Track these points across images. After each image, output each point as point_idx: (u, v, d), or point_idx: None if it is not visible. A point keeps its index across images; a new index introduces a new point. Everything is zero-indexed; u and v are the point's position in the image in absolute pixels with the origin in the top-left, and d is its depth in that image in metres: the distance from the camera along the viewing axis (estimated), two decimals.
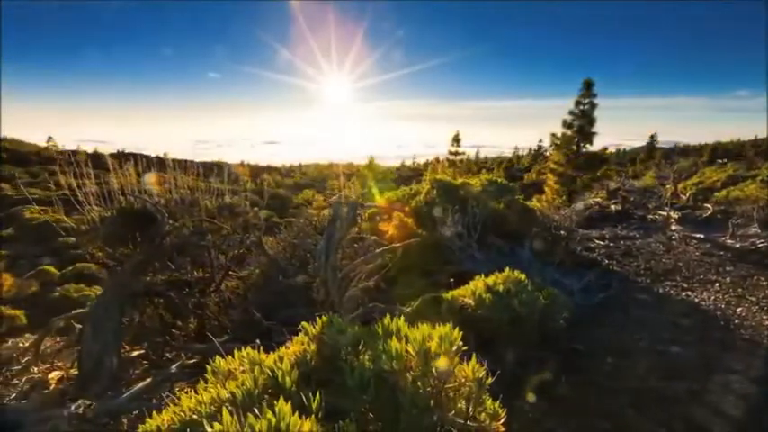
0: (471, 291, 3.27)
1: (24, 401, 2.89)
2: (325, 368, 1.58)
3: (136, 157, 4.58)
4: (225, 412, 1.13)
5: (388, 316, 1.85)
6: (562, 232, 7.58)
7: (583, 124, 23.46)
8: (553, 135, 25.21)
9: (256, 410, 1.25)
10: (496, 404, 1.65)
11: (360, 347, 1.75)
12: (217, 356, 1.67)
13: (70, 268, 24.71)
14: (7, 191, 37.21)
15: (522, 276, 3.42)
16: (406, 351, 1.55)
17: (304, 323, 1.82)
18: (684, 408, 2.64)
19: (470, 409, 1.57)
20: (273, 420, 1.06)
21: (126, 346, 3.76)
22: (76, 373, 2.90)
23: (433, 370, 1.48)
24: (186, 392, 1.69)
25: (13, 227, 30.10)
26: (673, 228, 7.86)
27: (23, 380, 3.43)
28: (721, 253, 6.23)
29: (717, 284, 5.01)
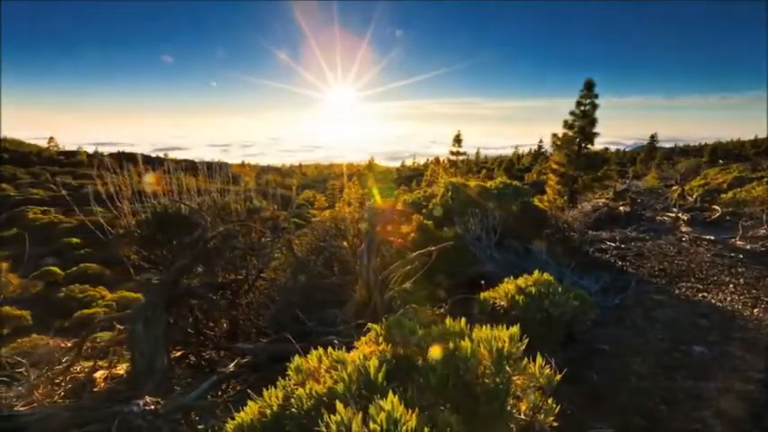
0: (504, 292, 3.38)
1: (76, 400, 2.99)
2: (401, 366, 1.69)
3: (164, 161, 4.68)
4: (339, 405, 1.24)
5: (449, 318, 1.97)
6: (573, 234, 7.72)
7: (584, 125, 23.66)
8: (554, 135, 25.40)
9: (351, 405, 1.36)
10: (550, 401, 1.77)
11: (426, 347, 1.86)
12: (296, 355, 1.78)
13: (74, 269, 24.78)
14: (9, 191, 37.22)
15: (552, 278, 3.53)
16: (479, 351, 1.66)
17: (373, 324, 1.94)
18: (715, 405, 2.75)
19: (538, 404, 1.69)
20: (392, 412, 1.17)
21: None
22: (129, 371, 3.01)
23: (507, 368, 1.60)
24: (266, 389, 1.81)
25: (17, 227, 30.13)
26: (682, 229, 7.99)
27: (67, 379, 3.54)
28: (732, 254, 6.36)
29: (731, 286, 5.13)
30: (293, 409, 1.46)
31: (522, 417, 1.66)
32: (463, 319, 1.95)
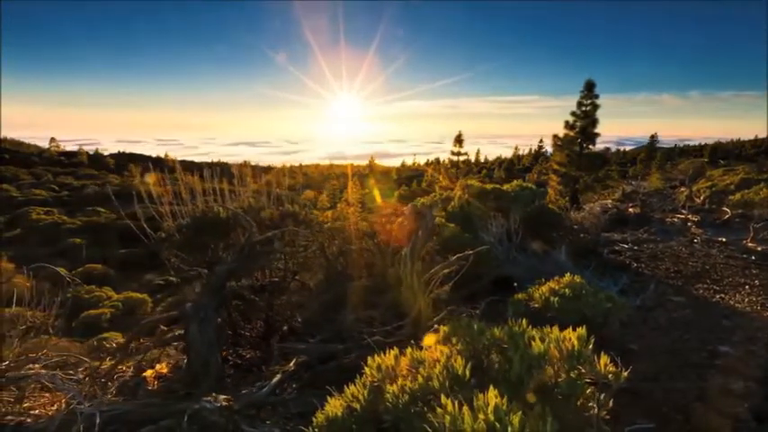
0: (538, 294, 3.52)
1: (131, 398, 3.11)
2: (476, 365, 1.82)
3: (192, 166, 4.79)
4: (446, 400, 1.36)
5: (510, 320, 2.10)
6: (587, 235, 7.86)
7: (585, 125, 23.86)
8: (555, 136, 25.63)
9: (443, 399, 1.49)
10: (603, 396, 1.91)
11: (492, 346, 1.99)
12: (375, 354, 1.91)
13: (80, 269, 24.85)
14: (12, 192, 37.27)
15: (583, 281, 3.67)
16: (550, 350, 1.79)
17: (441, 326, 2.06)
18: (747, 403, 2.89)
19: (601, 401, 1.82)
20: (499, 403, 1.30)
21: None
22: (184, 370, 3.13)
23: (579, 366, 1.73)
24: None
25: (21, 228, 30.20)
26: (693, 231, 8.14)
27: (114, 378, 3.66)
28: (745, 256, 6.50)
29: (747, 287, 5.27)
30: (388, 404, 1.59)
31: (590, 412, 1.79)
32: (524, 320, 2.08)
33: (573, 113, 24.06)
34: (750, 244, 6.97)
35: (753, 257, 6.40)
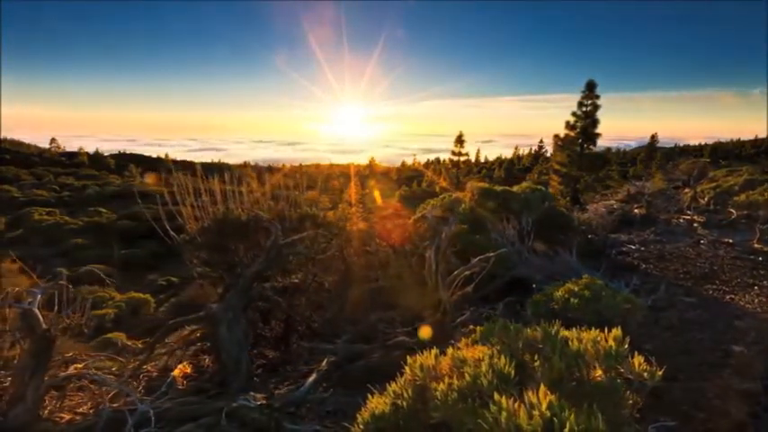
0: (558, 295, 3.59)
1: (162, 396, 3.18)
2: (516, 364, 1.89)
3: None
4: (500, 397, 1.44)
5: (544, 322, 2.17)
6: (595, 236, 7.94)
7: (586, 125, 23.96)
8: (556, 136, 25.74)
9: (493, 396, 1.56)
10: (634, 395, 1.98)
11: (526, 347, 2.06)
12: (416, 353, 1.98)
13: (83, 270, 24.90)
14: (13, 192, 37.24)
15: (601, 282, 3.74)
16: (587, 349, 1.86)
17: (478, 327, 2.14)
18: (764, 401, 2.97)
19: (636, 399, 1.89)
20: (551, 400, 1.37)
21: None
22: (215, 370, 3.20)
23: (617, 365, 1.80)
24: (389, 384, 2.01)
25: (23, 228, 30.18)
26: (698, 232, 8.22)
27: (141, 377, 3.74)
28: (752, 257, 6.59)
29: (756, 288, 5.35)
30: (437, 402, 1.66)
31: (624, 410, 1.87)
32: (557, 322, 2.15)
33: (574, 114, 24.19)
34: (756, 245, 7.05)
35: (760, 258, 6.48)
